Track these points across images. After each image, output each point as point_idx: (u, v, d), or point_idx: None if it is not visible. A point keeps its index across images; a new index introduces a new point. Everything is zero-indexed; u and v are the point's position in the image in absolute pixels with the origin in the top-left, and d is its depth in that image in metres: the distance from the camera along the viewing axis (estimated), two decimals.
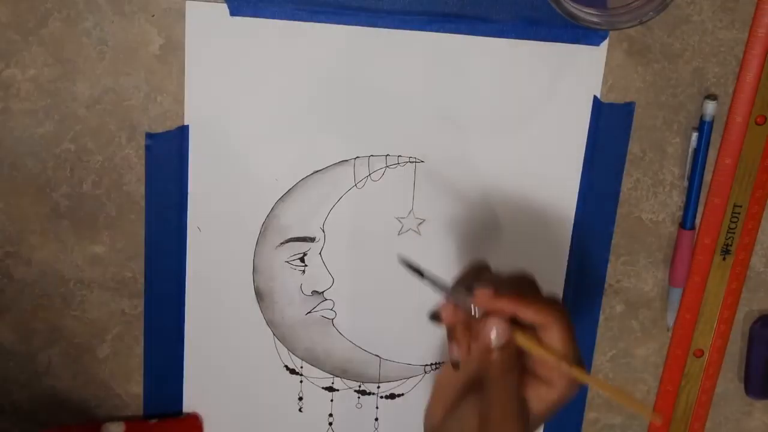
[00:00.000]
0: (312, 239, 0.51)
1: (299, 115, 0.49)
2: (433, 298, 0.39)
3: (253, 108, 0.48)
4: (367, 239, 0.51)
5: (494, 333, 0.37)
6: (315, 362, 0.53)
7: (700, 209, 0.52)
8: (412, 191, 0.51)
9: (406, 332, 0.53)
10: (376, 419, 0.55)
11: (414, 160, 0.50)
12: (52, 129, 0.48)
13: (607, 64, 0.49)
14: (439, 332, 0.53)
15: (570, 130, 0.50)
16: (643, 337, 0.55)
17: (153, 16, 0.46)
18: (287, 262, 0.51)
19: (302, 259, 0.51)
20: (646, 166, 0.51)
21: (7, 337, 0.51)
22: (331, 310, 0.52)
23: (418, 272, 0.40)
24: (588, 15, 0.42)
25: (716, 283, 0.53)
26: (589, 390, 0.55)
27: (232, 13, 0.46)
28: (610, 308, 0.54)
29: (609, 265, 0.53)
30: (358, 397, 0.54)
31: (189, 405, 0.53)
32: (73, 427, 0.52)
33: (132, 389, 0.53)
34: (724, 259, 0.53)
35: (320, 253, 0.51)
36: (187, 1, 0.46)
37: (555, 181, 0.51)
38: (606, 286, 0.53)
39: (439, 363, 0.54)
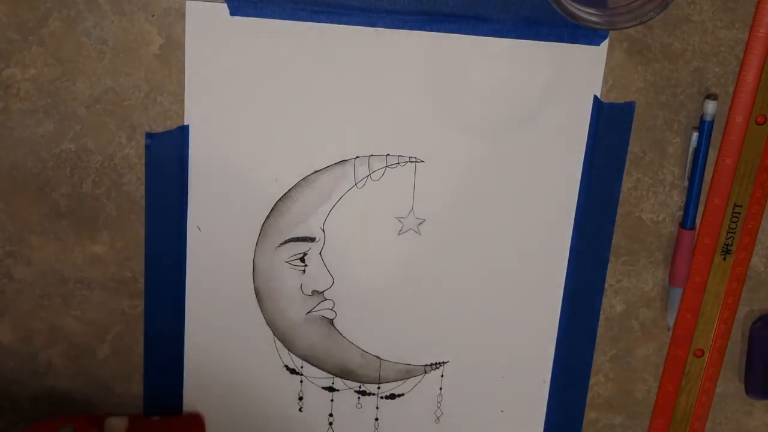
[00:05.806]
0: (312, 239, 0.51)
1: (299, 115, 0.49)
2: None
3: (253, 108, 0.48)
4: (367, 239, 0.51)
5: None
6: (315, 362, 0.53)
7: (701, 209, 0.52)
8: (412, 191, 0.51)
9: (406, 332, 0.53)
10: (377, 419, 0.55)
11: (414, 160, 0.50)
12: (52, 129, 0.48)
13: (607, 64, 0.49)
14: (438, 332, 0.53)
15: (570, 130, 0.50)
16: (643, 337, 0.55)
17: (153, 16, 0.46)
18: (287, 262, 0.51)
19: (302, 259, 0.51)
20: (646, 166, 0.51)
21: (7, 337, 0.51)
22: (331, 310, 0.52)
23: None
24: (588, 15, 0.42)
25: (716, 283, 0.53)
26: (589, 390, 0.55)
27: (232, 13, 0.46)
28: (610, 308, 0.54)
29: (609, 265, 0.53)
30: (358, 398, 0.54)
31: (189, 405, 0.53)
32: (76, 419, 0.52)
33: (132, 389, 0.53)
34: (724, 259, 0.53)
35: (320, 253, 0.51)
36: (187, 1, 0.46)
37: (555, 181, 0.51)
38: (606, 286, 0.53)
39: (439, 363, 0.54)
